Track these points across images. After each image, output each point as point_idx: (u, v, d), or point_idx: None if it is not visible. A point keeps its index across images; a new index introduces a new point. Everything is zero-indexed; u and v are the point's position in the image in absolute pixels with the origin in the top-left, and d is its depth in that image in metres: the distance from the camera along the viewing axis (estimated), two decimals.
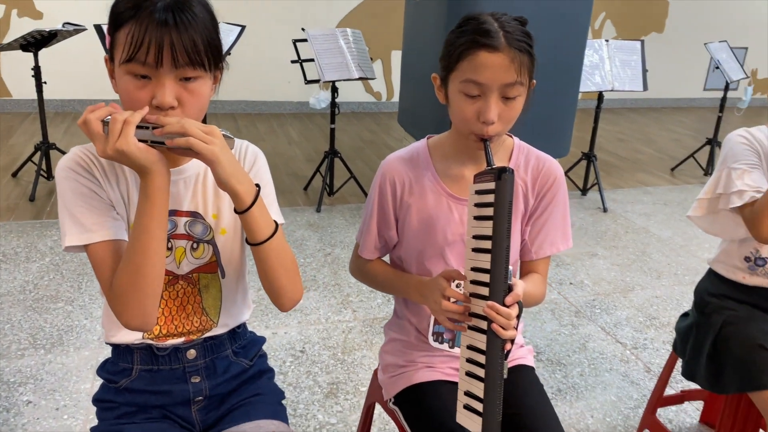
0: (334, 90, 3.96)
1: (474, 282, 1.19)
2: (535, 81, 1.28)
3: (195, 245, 1.19)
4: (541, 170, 1.36)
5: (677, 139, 6.56)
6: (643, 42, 4.35)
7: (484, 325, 1.15)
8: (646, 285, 3.26)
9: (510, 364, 1.44)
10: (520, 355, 1.46)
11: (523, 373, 1.42)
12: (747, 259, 1.66)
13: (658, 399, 2.01)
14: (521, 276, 1.44)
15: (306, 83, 3.80)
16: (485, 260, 1.17)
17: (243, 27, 3.94)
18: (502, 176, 1.14)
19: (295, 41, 3.88)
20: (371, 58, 4.16)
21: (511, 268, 1.18)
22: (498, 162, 1.36)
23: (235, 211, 1.07)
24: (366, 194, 4.07)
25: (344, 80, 3.86)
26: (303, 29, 3.86)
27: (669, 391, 2.23)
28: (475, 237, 1.19)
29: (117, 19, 1.01)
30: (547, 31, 3.20)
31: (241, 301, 1.30)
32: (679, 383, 2.40)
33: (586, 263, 3.48)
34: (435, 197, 1.34)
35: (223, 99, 6.48)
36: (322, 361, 2.44)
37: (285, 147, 5.44)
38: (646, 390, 2.37)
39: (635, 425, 2.18)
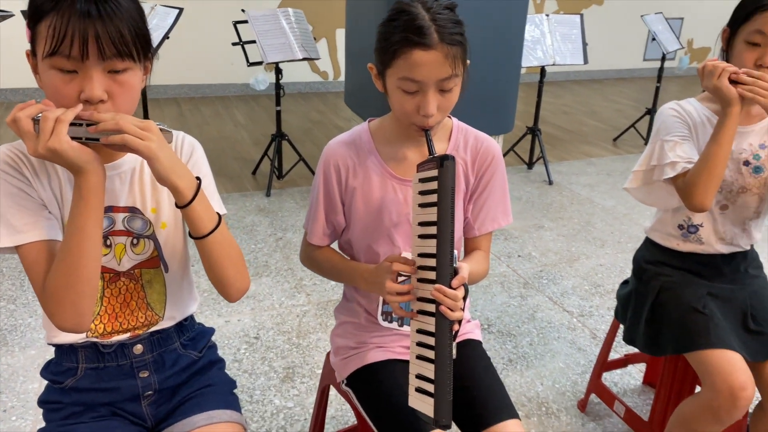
0: (278, 71, 3.90)
1: (421, 267, 1.21)
2: (468, 61, 1.29)
3: (135, 241, 1.17)
4: (479, 150, 1.39)
5: (619, 110, 6.74)
6: (582, 16, 4.42)
7: (432, 308, 1.18)
8: (591, 254, 3.36)
9: (459, 338, 1.48)
10: (468, 330, 1.50)
11: (471, 347, 1.46)
12: (680, 226, 1.74)
13: (603, 364, 2.09)
14: (465, 253, 1.47)
15: (249, 65, 3.73)
16: (431, 246, 1.19)
17: (181, 9, 3.83)
18: (444, 164, 1.17)
19: (235, 23, 3.80)
20: (315, 38, 4.11)
21: (455, 251, 1.21)
22: (438, 142, 1.38)
23: (177, 205, 1.06)
24: None
25: (288, 61, 3.81)
26: (243, 10, 3.78)
27: (614, 355, 2.33)
28: (421, 224, 1.21)
29: (37, 11, 0.98)
30: (487, 8, 3.23)
31: (187, 293, 1.29)
32: (623, 348, 2.50)
33: (534, 236, 3.57)
34: (379, 180, 1.35)
35: (165, 83, 6.31)
36: (277, 347, 2.45)
37: (231, 130, 5.35)
38: (593, 356, 2.46)
39: (583, 390, 2.26)
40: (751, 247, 1.78)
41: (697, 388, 1.91)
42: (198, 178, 1.07)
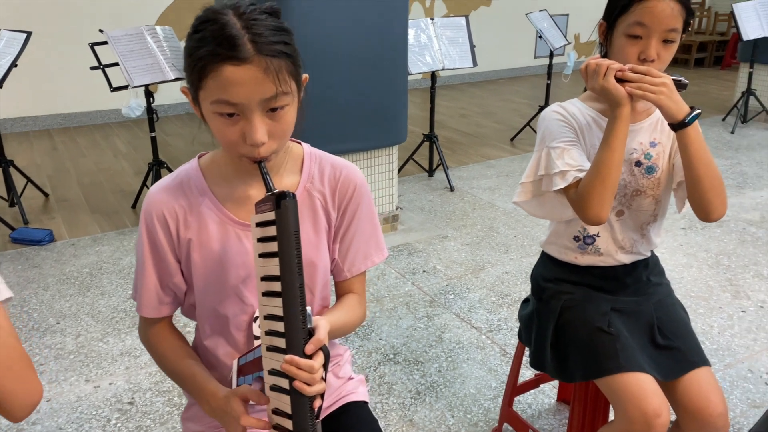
0: (149, 95, 3.56)
1: (269, 332, 0.98)
2: (307, 75, 1.08)
3: None
4: (339, 179, 1.17)
5: (515, 109, 6.78)
6: (467, 18, 4.34)
7: (286, 383, 0.96)
8: (496, 261, 3.24)
9: (338, 403, 1.26)
10: (348, 390, 1.28)
11: (352, 412, 1.24)
12: (576, 238, 1.60)
13: (513, 390, 1.93)
14: (337, 297, 1.26)
15: (112, 91, 3.37)
16: (278, 305, 0.96)
17: (29, 33, 3.42)
18: (281, 203, 0.94)
19: (92, 45, 3.42)
20: None
21: (309, 308, 0.99)
22: (288, 174, 1.16)
23: None
24: None
25: (159, 83, 3.48)
26: (101, 30, 3.42)
27: (526, 373, 2.19)
28: (264, 278, 0.98)
29: None
30: (366, 18, 3.05)
31: None
32: None
33: (438, 247, 3.42)
34: (218, 227, 1.11)
35: (35, 114, 5.75)
36: (155, 411, 2.14)
37: (110, 161, 4.91)
38: (504, 375, 2.31)
39: (496, 417, 2.10)
40: (651, 253, 1.66)
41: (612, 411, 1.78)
42: None
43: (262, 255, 0.99)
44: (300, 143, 1.20)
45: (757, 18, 5.49)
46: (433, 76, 4.31)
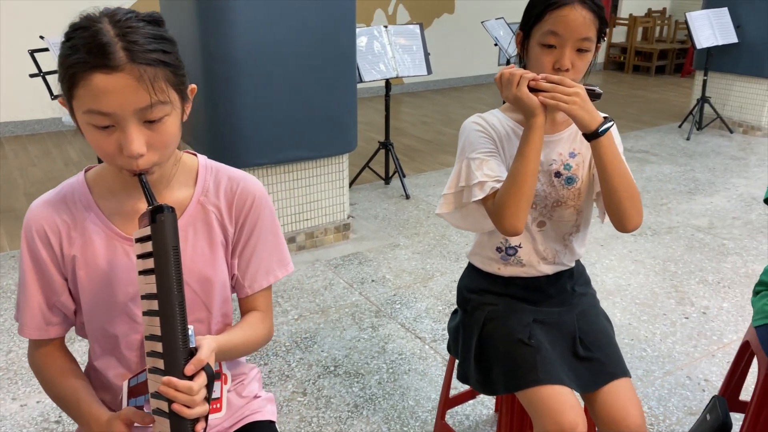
0: None
1: (150, 354, 0.94)
2: (194, 86, 1.04)
3: None
4: (236, 192, 1.14)
5: None
6: (421, 25, 4.34)
7: (167, 406, 0.92)
8: (446, 270, 3.23)
9: (241, 423, 1.22)
10: (253, 409, 1.24)
11: (257, 431, 1.20)
12: (498, 249, 1.58)
13: (445, 403, 1.91)
14: (241, 315, 1.22)
15: (52, 99, 3.29)
16: (157, 325, 0.93)
17: None
18: (156, 218, 0.90)
19: (32, 51, 3.34)
20: None
21: (191, 327, 0.95)
22: (180, 188, 1.12)
23: None
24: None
25: None
26: (42, 37, 3.33)
27: (462, 387, 2.17)
28: (145, 297, 0.94)
29: None
30: (311, 24, 3.02)
31: None
32: None
33: (389, 256, 3.39)
34: (104, 242, 1.07)
35: None
36: None
37: (61, 170, 4.80)
38: None
39: (432, 430, 2.08)
40: (577, 263, 1.66)
41: None
42: None
43: (141, 272, 0.95)
44: (195, 155, 1.16)
45: (710, 27, 5.59)
46: (388, 84, 4.30)
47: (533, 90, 1.34)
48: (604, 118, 1.36)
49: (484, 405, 2.20)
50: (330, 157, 3.35)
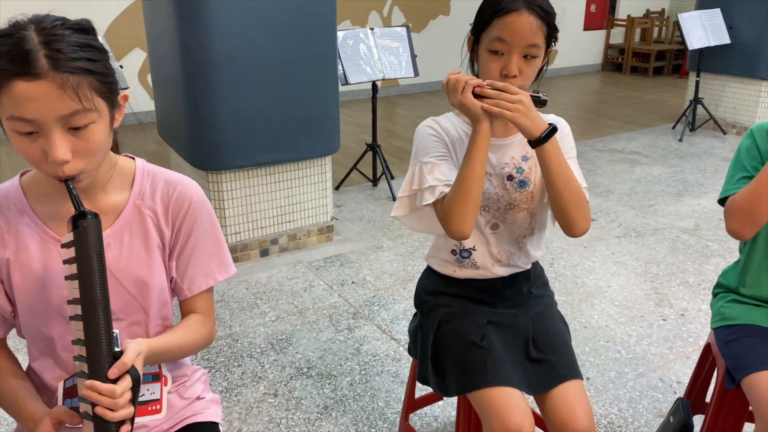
0: None
1: (77, 358, 0.96)
2: (126, 94, 1.06)
3: None
4: (172, 195, 1.15)
5: None
6: (408, 27, 4.36)
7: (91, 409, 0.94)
8: None
9: (182, 424, 1.23)
10: (195, 410, 1.25)
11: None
12: (453, 252, 1.59)
13: (408, 406, 1.92)
14: (182, 317, 1.24)
15: None
16: (82, 329, 0.95)
17: None
18: (79, 224, 0.92)
19: None
20: (121, 66, 3.74)
21: (116, 331, 0.97)
22: (117, 192, 1.14)
23: None
24: None
25: None
26: None
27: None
28: (71, 302, 0.96)
29: None
30: (290, 26, 3.03)
31: None
32: None
33: (371, 258, 3.40)
34: (39, 246, 1.08)
35: None
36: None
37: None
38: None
39: None
40: (534, 265, 1.66)
41: None
42: None
43: (68, 277, 0.96)
44: (133, 158, 1.18)
45: (702, 28, 5.58)
46: (375, 86, 4.31)
47: (479, 96, 1.35)
48: (549, 125, 1.36)
49: (453, 406, 2.21)
50: (312, 159, 3.37)
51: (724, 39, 5.62)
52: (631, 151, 5.43)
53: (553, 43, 1.46)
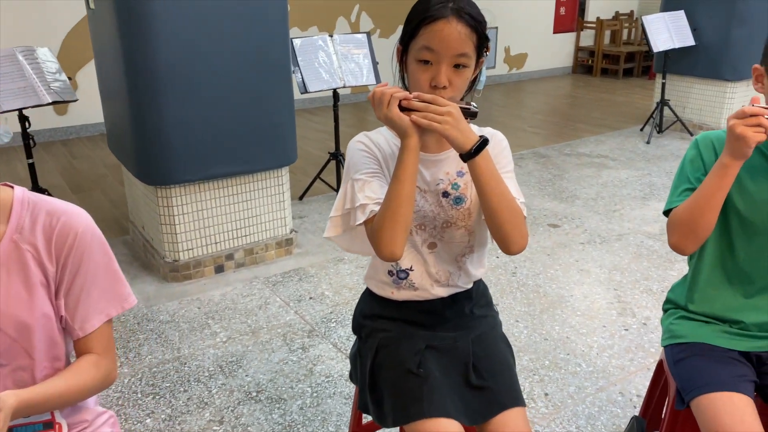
0: (24, 119, 3.39)
1: None
2: None
3: None
4: (55, 227, 1.05)
5: None
6: (368, 34, 4.28)
7: None
8: None
9: None
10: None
11: None
12: (390, 273, 1.51)
13: None
14: (77, 358, 1.13)
15: None
16: None
17: None
18: None
19: None
20: (69, 78, 3.62)
21: None
22: None
23: None
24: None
25: (33, 107, 3.31)
26: None
27: None
28: None
29: None
30: (241, 34, 2.94)
31: None
32: None
33: (331, 271, 3.31)
34: None
35: None
36: None
37: None
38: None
39: None
40: (476, 283, 1.58)
41: None
42: None
43: None
44: (12, 187, 1.08)
45: (667, 30, 5.58)
46: (336, 94, 4.22)
47: (406, 109, 1.27)
48: (480, 137, 1.28)
49: None
50: (268, 170, 3.27)
51: (689, 41, 5.63)
52: (599, 155, 5.40)
53: (484, 53, 1.38)
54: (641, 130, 6.15)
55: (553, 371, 2.43)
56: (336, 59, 4.09)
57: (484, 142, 1.28)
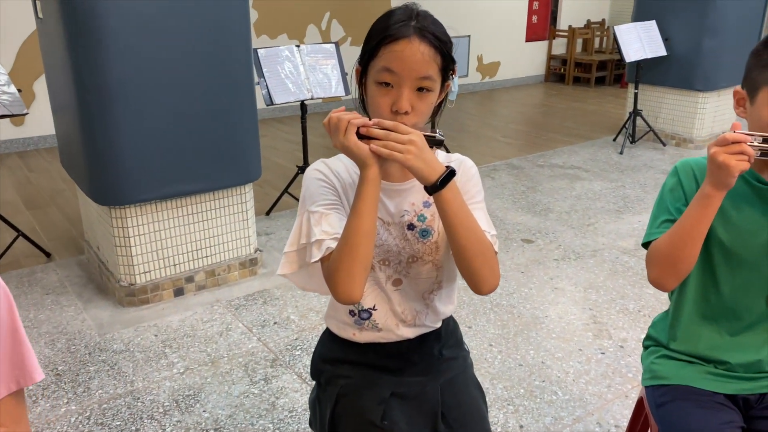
0: None
1: None
2: None
3: None
4: None
5: None
6: (337, 44, 4.16)
7: None
8: None
9: None
10: None
11: None
12: (351, 312, 1.38)
13: None
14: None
15: None
16: None
17: None
18: None
19: None
20: (19, 90, 3.42)
21: None
22: None
23: None
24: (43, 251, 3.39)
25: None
26: None
27: None
28: None
29: None
30: (199, 49, 2.79)
31: None
32: None
33: (297, 293, 3.16)
34: None
35: None
36: None
37: None
38: None
39: None
40: (446, 321, 1.46)
41: None
42: None
43: None
44: None
45: (639, 40, 5.55)
46: (303, 105, 4.09)
47: (365, 137, 1.15)
48: (447, 167, 1.16)
49: None
50: (230, 188, 3.12)
51: (661, 51, 5.61)
52: (572, 166, 5.34)
53: (450, 76, 1.26)
54: (614, 140, 6.12)
55: (528, 400, 2.32)
56: (303, 70, 3.96)
57: (451, 173, 1.16)
